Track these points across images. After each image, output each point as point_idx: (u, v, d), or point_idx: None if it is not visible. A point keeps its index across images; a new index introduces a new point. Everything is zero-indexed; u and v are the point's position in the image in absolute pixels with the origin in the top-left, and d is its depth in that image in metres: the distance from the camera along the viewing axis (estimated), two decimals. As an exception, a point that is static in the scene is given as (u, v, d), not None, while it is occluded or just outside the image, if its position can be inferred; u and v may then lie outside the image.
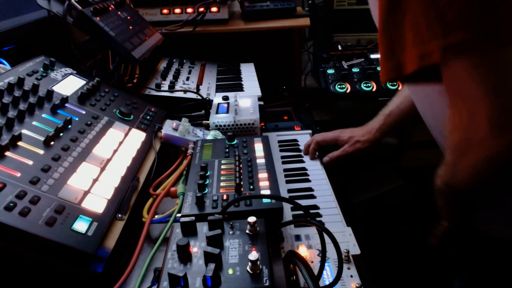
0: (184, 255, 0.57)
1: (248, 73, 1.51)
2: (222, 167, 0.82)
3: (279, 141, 1.23)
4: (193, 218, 0.63)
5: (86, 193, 0.70)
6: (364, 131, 1.11)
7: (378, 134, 1.08)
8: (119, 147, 0.88)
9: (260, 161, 0.84)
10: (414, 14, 0.50)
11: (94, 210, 0.68)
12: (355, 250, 0.74)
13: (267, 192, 0.74)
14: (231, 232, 0.61)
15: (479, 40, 0.46)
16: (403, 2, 0.51)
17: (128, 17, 1.29)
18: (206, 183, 0.77)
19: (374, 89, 1.48)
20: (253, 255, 0.53)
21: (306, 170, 1.08)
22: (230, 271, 0.54)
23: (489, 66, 0.47)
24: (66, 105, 0.89)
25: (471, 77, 0.48)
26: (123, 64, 1.29)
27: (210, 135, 1.03)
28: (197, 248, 0.59)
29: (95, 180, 0.74)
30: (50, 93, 0.86)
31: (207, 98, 1.23)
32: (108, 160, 0.81)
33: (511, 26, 0.45)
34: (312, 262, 0.70)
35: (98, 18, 1.11)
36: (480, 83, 0.47)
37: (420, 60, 0.50)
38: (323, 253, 0.62)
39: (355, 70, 1.54)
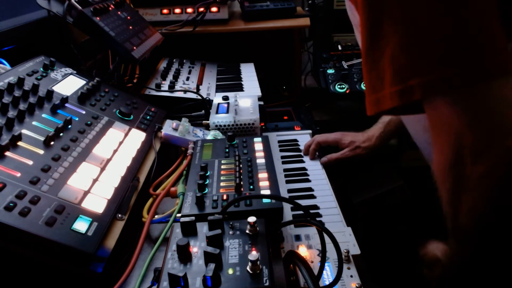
0: (184, 255, 0.57)
1: (248, 73, 1.51)
2: (222, 167, 0.82)
3: (279, 141, 1.23)
4: (193, 218, 0.63)
5: (86, 193, 0.70)
6: (364, 137, 1.13)
7: (378, 141, 1.11)
8: (119, 147, 0.88)
9: (260, 161, 0.84)
10: (393, 50, 0.49)
11: (94, 210, 0.68)
12: (355, 250, 0.73)
13: (267, 192, 0.74)
14: (231, 232, 0.61)
15: (460, 77, 0.45)
16: (382, 39, 0.50)
17: (128, 17, 1.29)
18: (206, 183, 0.77)
19: (374, 89, 1.48)
20: (253, 255, 0.53)
21: (306, 170, 1.08)
22: (230, 271, 0.54)
23: (472, 101, 0.46)
24: (66, 105, 0.89)
25: (453, 113, 0.47)
26: (123, 64, 1.29)
27: (210, 135, 1.03)
28: (197, 248, 0.59)
29: (95, 180, 0.74)
30: (50, 93, 0.86)
31: (207, 98, 1.23)
32: (108, 160, 0.81)
33: (492, 62, 0.45)
34: (312, 262, 0.70)
35: (98, 18, 1.11)
36: (462, 119, 0.47)
37: (400, 96, 0.49)
38: (323, 253, 0.62)
39: (355, 70, 1.54)
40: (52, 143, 0.75)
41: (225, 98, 1.17)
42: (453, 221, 0.56)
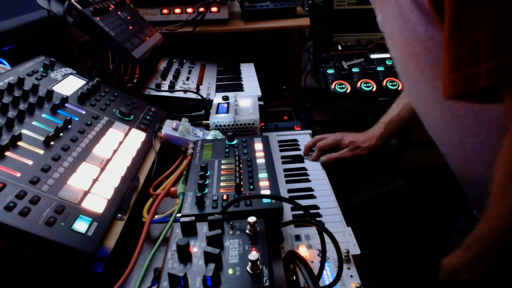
0: (184, 255, 0.57)
1: (248, 73, 1.51)
2: (222, 167, 0.82)
3: (279, 141, 1.23)
4: (193, 218, 0.63)
5: (86, 193, 0.70)
6: (365, 137, 1.12)
7: (379, 141, 1.11)
8: (119, 147, 0.88)
9: (260, 161, 0.84)
10: (493, 20, 0.44)
11: (94, 210, 0.68)
12: (355, 250, 0.73)
13: (267, 192, 0.74)
14: (231, 232, 0.61)
15: None
16: (476, 7, 0.45)
17: (128, 17, 1.29)
18: (206, 183, 0.77)
19: (374, 89, 1.48)
20: (253, 255, 0.53)
21: (306, 170, 1.08)
22: (230, 271, 0.54)
23: None
24: (66, 105, 0.89)
25: None
26: (123, 64, 1.29)
27: (210, 135, 1.03)
28: (197, 248, 0.59)
29: (95, 180, 0.74)
30: (50, 93, 0.86)
31: (207, 98, 1.23)
32: (108, 160, 0.81)
33: None
34: (312, 262, 0.70)
35: (98, 18, 1.11)
36: None
37: (501, 73, 0.44)
38: (323, 253, 0.62)
39: (355, 70, 1.54)
40: (52, 143, 0.75)
41: (225, 98, 1.17)
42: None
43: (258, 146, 0.90)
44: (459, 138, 0.76)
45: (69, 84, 0.97)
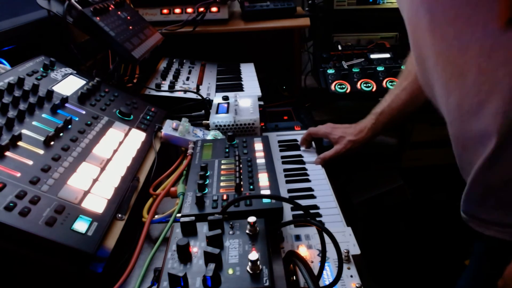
0: (184, 255, 0.57)
1: (248, 73, 1.51)
2: (222, 167, 0.82)
3: (279, 141, 1.23)
4: (193, 218, 0.63)
5: (86, 193, 0.70)
6: (356, 130, 1.10)
7: (370, 133, 1.09)
8: (119, 147, 0.88)
9: (260, 161, 0.84)
10: None
11: (94, 210, 0.68)
12: (355, 250, 0.74)
13: (267, 192, 0.74)
14: (231, 232, 0.61)
15: None
16: None
17: (128, 17, 1.29)
18: (206, 183, 0.77)
19: (374, 89, 1.49)
20: (253, 255, 0.53)
21: (306, 170, 1.08)
22: (230, 271, 0.54)
23: None
24: (66, 105, 0.89)
25: None
26: (123, 64, 1.29)
27: (210, 135, 1.03)
28: (197, 248, 0.59)
29: (95, 180, 0.74)
30: (50, 93, 0.86)
31: (207, 98, 1.23)
32: (108, 160, 0.81)
33: None
34: (312, 262, 0.70)
35: (98, 18, 1.11)
36: None
37: None
38: (323, 253, 0.62)
39: (355, 70, 1.54)
40: (52, 143, 0.75)
41: (225, 98, 1.17)
42: None
43: (258, 146, 0.90)
44: (458, 98, 0.70)
45: (69, 84, 0.97)
